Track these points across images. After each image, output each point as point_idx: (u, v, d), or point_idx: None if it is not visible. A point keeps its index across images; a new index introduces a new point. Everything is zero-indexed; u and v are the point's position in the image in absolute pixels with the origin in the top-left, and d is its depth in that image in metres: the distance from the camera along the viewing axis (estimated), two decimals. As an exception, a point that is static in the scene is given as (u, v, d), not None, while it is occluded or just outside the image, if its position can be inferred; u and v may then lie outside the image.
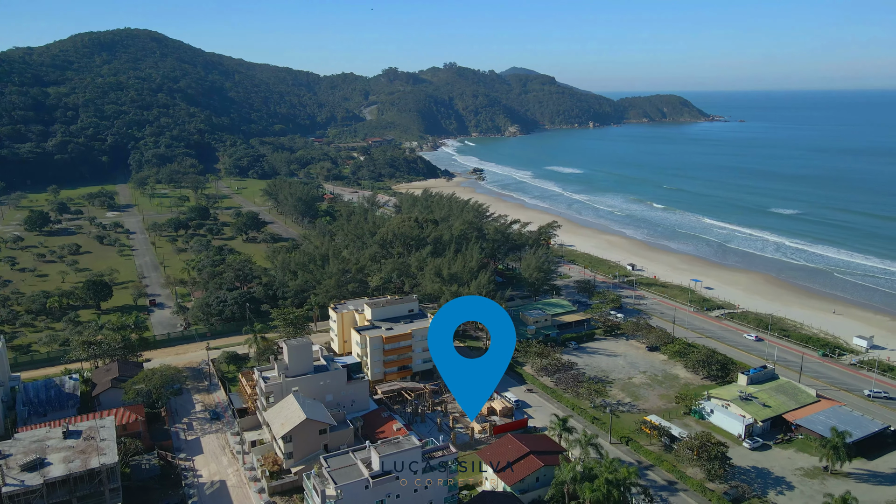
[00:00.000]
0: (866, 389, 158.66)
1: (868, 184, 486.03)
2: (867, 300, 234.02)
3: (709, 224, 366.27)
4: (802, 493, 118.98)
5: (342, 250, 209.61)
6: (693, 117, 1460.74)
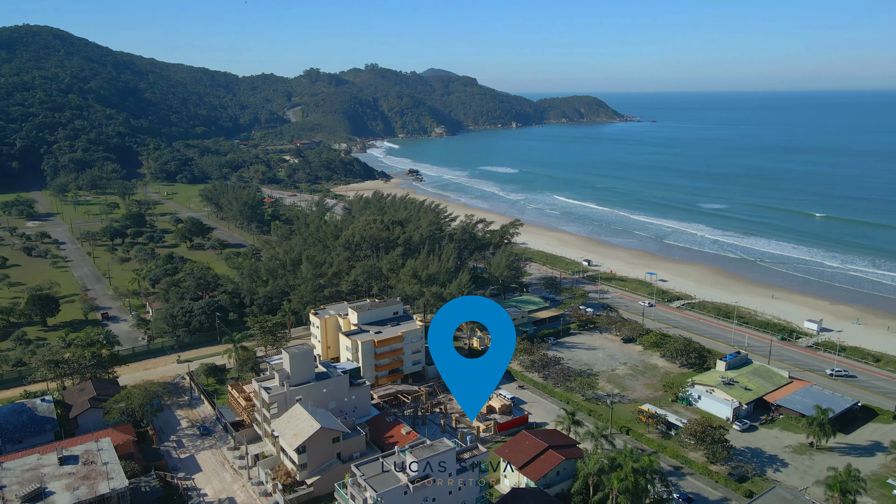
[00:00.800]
0: (828, 369, 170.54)
1: (778, 181, 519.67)
2: (801, 287, 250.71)
3: (645, 221, 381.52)
4: (796, 469, 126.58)
5: (316, 255, 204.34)
6: (609, 117, 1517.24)
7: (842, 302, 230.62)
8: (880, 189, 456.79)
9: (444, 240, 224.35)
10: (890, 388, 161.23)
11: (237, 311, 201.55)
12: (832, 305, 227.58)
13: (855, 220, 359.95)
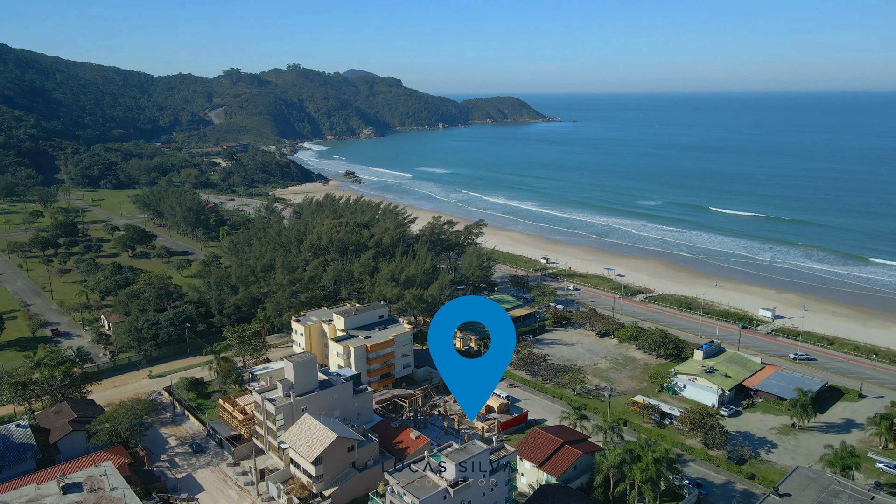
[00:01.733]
0: (791, 353, 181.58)
1: (703, 179, 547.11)
2: (745, 278, 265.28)
3: (587, 219, 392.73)
4: (785, 448, 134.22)
5: (290, 260, 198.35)
6: (531, 118, 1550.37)
7: (786, 291, 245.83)
8: (801, 188, 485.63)
9: (414, 242, 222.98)
10: (848, 369, 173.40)
11: (204, 321, 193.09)
12: (778, 294, 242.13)
13: (782, 217, 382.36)
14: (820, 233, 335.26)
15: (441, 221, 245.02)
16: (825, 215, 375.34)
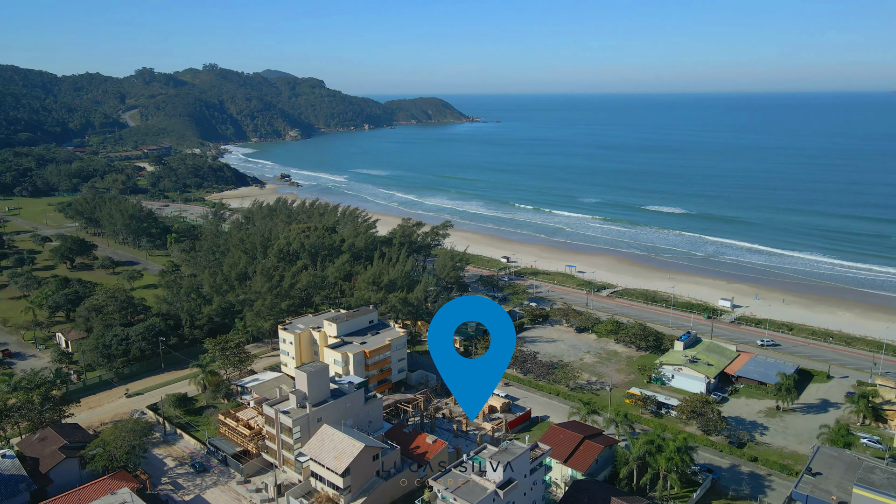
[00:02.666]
0: (758, 340, 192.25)
1: (636, 178, 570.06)
2: (696, 270, 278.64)
3: (533, 217, 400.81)
4: (776, 430, 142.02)
5: (269, 267, 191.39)
6: (455, 118, 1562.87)
7: (736, 281, 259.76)
8: (726, 187, 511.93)
9: (383, 244, 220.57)
10: (810, 353, 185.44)
11: (174, 334, 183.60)
12: (729, 284, 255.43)
13: (713, 214, 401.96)
14: (749, 228, 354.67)
15: (411, 223, 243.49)
16: (752, 212, 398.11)
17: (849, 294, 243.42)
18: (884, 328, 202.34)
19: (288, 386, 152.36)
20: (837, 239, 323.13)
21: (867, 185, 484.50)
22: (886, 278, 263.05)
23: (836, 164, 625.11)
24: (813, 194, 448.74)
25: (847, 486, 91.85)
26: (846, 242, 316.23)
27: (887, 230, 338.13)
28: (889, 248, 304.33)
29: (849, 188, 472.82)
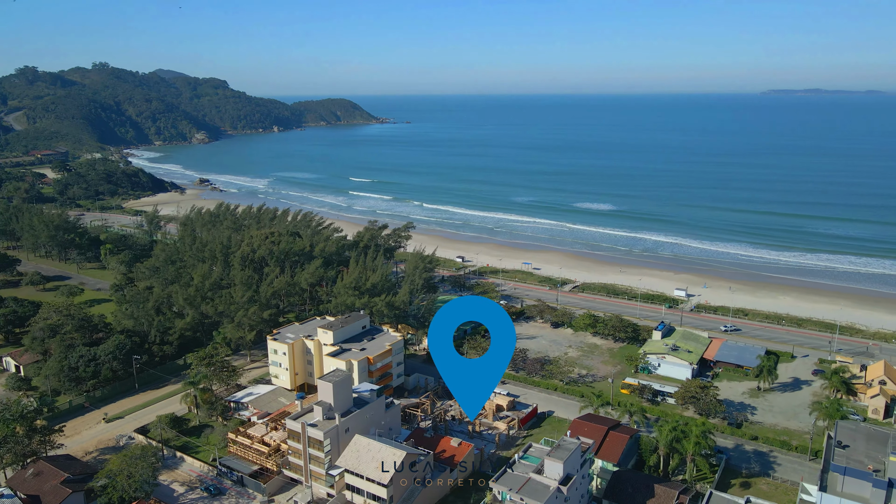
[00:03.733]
0: (721, 326, 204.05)
1: (555, 177, 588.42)
2: (642, 262, 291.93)
3: (472, 216, 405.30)
4: (763, 409, 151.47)
5: (248, 276, 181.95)
6: (365, 119, 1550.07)
7: (683, 272, 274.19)
8: (649, 185, 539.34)
9: (373, 248, 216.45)
10: (768, 335, 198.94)
11: (142, 352, 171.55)
12: (676, 275, 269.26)
13: (640, 211, 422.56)
14: (676, 224, 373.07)
15: (377, 225, 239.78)
16: (676, 208, 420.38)
17: (782, 280, 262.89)
18: (821, 309, 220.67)
19: (287, 399, 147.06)
20: (758, 232, 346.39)
21: (772, 182, 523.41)
22: (810, 264, 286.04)
23: (747, 161, 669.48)
24: (727, 192, 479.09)
25: (874, 455, 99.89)
26: (765, 235, 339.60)
27: (798, 223, 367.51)
28: (803, 238, 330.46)
29: (757, 185, 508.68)
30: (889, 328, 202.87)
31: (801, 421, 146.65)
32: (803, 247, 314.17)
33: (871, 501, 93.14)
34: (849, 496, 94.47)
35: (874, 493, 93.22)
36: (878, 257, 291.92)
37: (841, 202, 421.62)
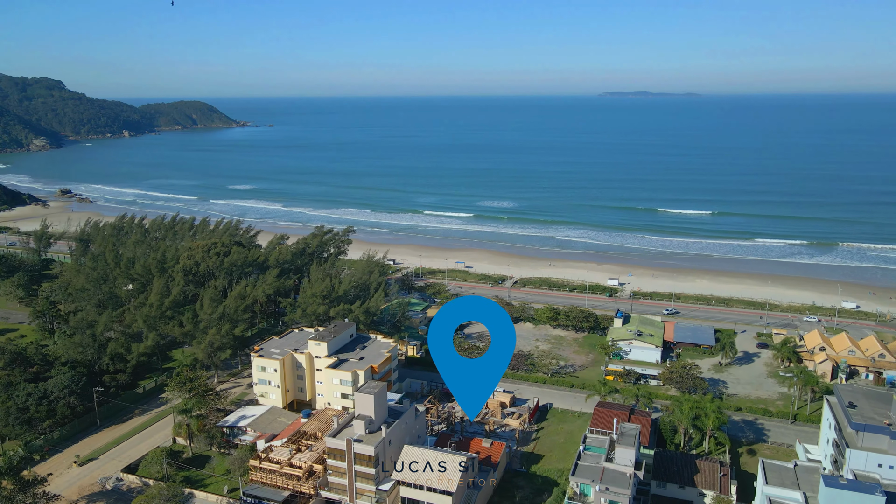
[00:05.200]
0: (664, 310, 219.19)
1: (452, 176, 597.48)
2: (563, 256, 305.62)
3: (384, 218, 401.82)
4: (731, 382, 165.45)
5: (218, 291, 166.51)
6: (224, 123, 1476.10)
7: (605, 262, 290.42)
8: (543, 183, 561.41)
9: (336, 253, 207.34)
10: (706, 315, 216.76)
11: (96, 382, 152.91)
12: (600, 266, 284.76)
13: (539, 207, 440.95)
14: (573, 217, 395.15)
15: (323, 230, 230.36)
16: (568, 204, 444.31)
17: (693, 265, 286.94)
18: (733, 289, 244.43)
19: (286, 418, 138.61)
20: (649, 224, 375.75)
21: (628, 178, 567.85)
22: (710, 249, 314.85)
23: (606, 161, 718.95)
24: (609, 189, 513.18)
25: (882, 411, 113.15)
26: (655, 225, 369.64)
27: (683, 216, 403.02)
28: (692, 228, 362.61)
29: (628, 181, 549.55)
30: (796, 302, 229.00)
31: (767, 389, 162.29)
32: (687, 232, 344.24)
33: (888, 451, 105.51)
34: (869, 449, 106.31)
35: (891, 445, 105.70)
36: (743, 240, 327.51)
37: (686, 189, 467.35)
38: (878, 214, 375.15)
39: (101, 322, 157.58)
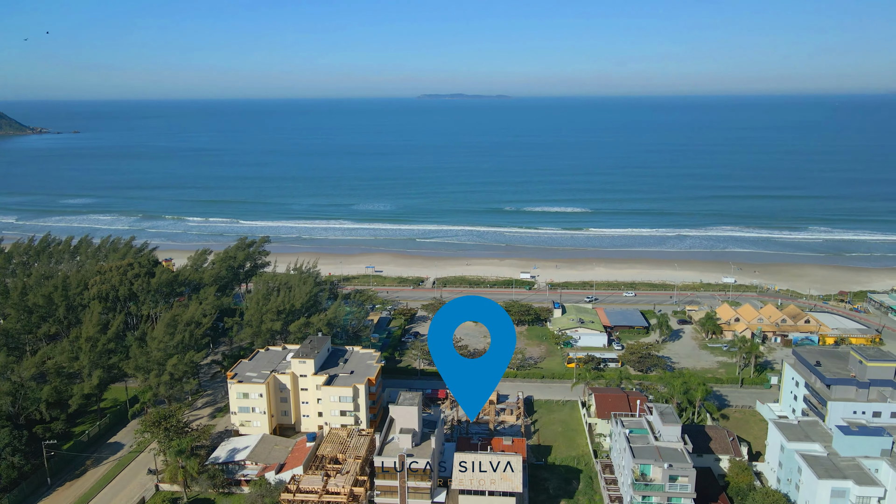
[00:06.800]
0: (585, 297, 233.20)
1: (317, 182, 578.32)
2: (464, 253, 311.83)
3: (261, 224, 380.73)
4: (675, 357, 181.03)
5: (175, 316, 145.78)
6: (15, 130, 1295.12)
7: (508, 258, 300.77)
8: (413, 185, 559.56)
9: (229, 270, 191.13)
10: (621, 299, 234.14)
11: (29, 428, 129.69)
12: (501, 262, 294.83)
13: (417, 207, 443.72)
14: (455, 216, 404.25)
15: (246, 242, 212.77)
16: (440, 202, 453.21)
17: (586, 255, 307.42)
18: (629, 273, 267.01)
19: (284, 444, 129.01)
20: (540, 218, 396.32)
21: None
22: (596, 238, 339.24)
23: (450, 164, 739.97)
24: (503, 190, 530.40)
25: (840, 367, 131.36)
26: (548, 219, 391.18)
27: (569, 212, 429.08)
28: (566, 222, 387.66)
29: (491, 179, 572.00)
30: (688, 281, 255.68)
31: (705, 360, 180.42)
32: (564, 227, 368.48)
33: (857, 399, 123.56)
34: (842, 399, 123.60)
35: (858, 393, 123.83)
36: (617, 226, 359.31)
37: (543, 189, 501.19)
38: (719, 204, 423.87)
39: (25, 365, 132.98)
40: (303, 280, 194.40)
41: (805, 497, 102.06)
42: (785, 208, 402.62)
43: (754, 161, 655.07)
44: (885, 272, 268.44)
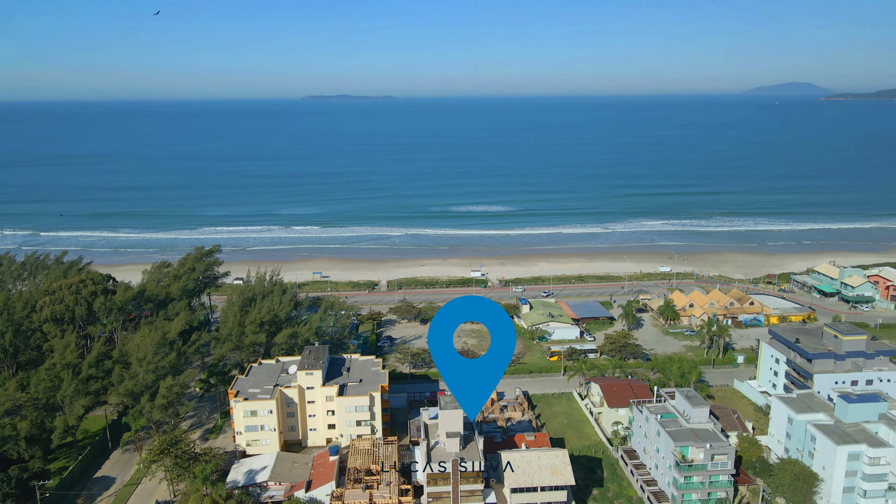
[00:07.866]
0: (542, 292, 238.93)
1: (228, 187, 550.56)
2: (411, 256, 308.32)
3: (185, 232, 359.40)
4: (645, 345, 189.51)
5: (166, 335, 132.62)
6: None
7: (452, 256, 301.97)
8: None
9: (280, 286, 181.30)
10: (577, 292, 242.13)
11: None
12: (446, 260, 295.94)
13: (339, 211, 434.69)
14: (381, 219, 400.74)
15: (203, 251, 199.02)
16: (363, 204, 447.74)
17: (526, 252, 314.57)
18: (572, 267, 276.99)
19: (302, 461, 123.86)
20: (476, 216, 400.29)
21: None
22: (534, 236, 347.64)
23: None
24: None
25: (815, 342, 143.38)
26: (484, 218, 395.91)
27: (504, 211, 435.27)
28: (505, 221, 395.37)
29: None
30: (629, 272, 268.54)
31: (671, 345, 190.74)
32: (492, 226, 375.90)
33: (835, 371, 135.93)
34: (823, 371, 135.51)
35: (837, 365, 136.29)
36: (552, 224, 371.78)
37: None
38: (639, 201, 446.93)
39: (5, 398, 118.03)
40: (282, 289, 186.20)
41: (821, 463, 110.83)
42: (700, 203, 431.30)
43: (667, 158, 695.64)
44: (796, 256, 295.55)
